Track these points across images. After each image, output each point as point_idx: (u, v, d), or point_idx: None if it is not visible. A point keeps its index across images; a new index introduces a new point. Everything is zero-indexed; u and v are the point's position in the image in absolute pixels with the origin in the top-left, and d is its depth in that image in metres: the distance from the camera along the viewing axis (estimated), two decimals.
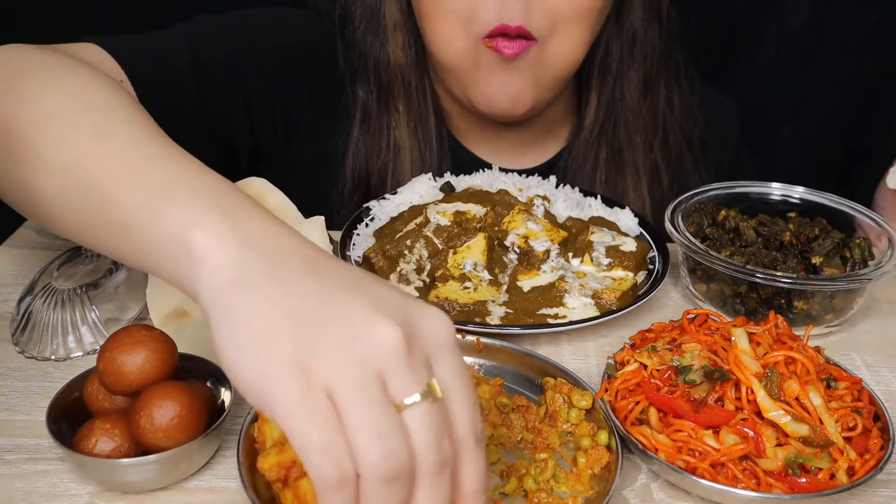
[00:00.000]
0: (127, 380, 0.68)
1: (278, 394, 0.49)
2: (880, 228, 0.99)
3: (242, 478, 0.66)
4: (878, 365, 0.91)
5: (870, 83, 1.73)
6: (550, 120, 1.26)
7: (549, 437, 0.76)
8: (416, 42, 1.16)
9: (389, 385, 0.51)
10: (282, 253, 0.56)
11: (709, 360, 0.75)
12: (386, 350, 0.51)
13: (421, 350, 0.53)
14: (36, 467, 0.71)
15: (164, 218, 0.58)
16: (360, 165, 1.20)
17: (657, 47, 1.20)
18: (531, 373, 0.83)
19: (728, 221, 1.03)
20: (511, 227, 1.02)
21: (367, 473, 0.49)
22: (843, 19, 1.68)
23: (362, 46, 1.17)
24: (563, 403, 0.77)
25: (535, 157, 1.28)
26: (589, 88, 1.24)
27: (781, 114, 1.80)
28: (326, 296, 0.53)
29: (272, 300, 0.52)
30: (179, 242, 0.57)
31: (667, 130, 1.25)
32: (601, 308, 0.94)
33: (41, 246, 1.04)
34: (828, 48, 1.70)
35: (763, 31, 1.72)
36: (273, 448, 0.66)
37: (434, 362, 0.53)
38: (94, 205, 0.64)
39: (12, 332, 0.87)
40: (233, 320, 0.52)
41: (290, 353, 0.50)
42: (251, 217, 0.58)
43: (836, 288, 0.92)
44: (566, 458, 0.74)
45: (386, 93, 1.18)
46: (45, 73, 0.78)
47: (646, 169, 1.24)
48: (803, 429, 0.71)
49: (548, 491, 0.70)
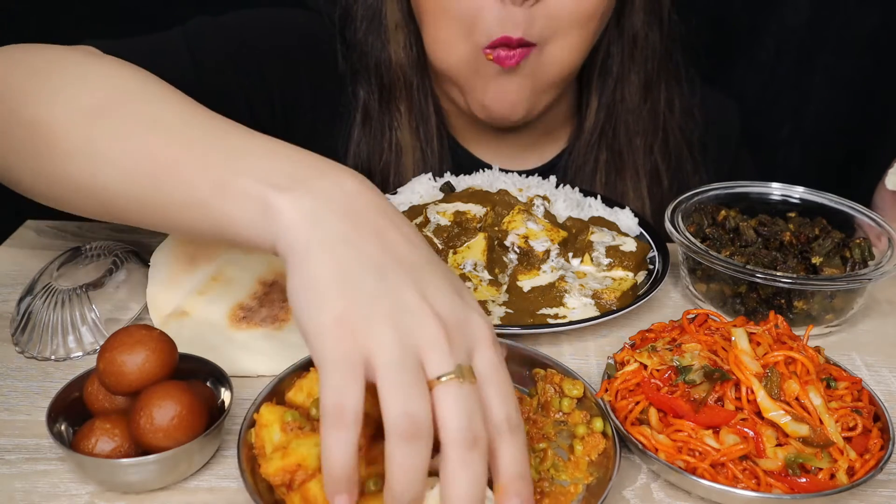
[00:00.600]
0: (127, 380, 0.68)
1: (322, 343, 0.55)
2: (880, 228, 0.99)
3: (246, 483, 0.65)
4: (878, 365, 0.91)
5: (870, 83, 1.73)
6: (550, 123, 1.26)
7: (545, 427, 0.76)
8: (417, 42, 1.16)
9: (426, 363, 0.55)
10: (352, 212, 0.61)
11: (709, 360, 0.75)
12: (427, 334, 0.56)
13: (461, 342, 0.57)
14: (36, 467, 0.71)
15: (240, 189, 0.63)
16: (361, 165, 1.20)
17: (658, 50, 1.20)
18: (527, 368, 0.83)
19: (728, 221, 1.03)
20: (511, 227, 1.02)
21: (386, 428, 0.54)
22: (843, 19, 1.68)
23: (364, 46, 1.17)
24: (554, 394, 0.78)
25: (536, 159, 1.28)
26: (589, 91, 1.23)
27: (781, 114, 1.80)
28: (387, 268, 0.58)
29: (338, 262, 0.58)
30: (256, 207, 0.62)
31: (667, 132, 1.25)
32: (601, 308, 0.94)
33: (41, 246, 1.04)
34: (828, 48, 1.70)
35: (763, 31, 1.72)
36: (276, 453, 0.66)
37: (472, 354, 0.58)
38: (166, 190, 0.68)
39: (12, 332, 0.87)
40: (303, 274, 0.58)
41: (342, 311, 0.56)
42: (323, 174, 0.63)
43: (836, 288, 0.92)
44: (562, 446, 0.74)
45: (388, 93, 1.18)
46: (67, 67, 0.80)
47: (646, 171, 1.24)
48: (803, 429, 0.71)
49: (549, 480, 0.70)
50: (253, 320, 0.87)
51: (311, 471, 0.64)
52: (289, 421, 0.69)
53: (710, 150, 1.32)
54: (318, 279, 0.58)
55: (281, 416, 0.70)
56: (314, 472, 0.64)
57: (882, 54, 1.69)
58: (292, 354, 0.81)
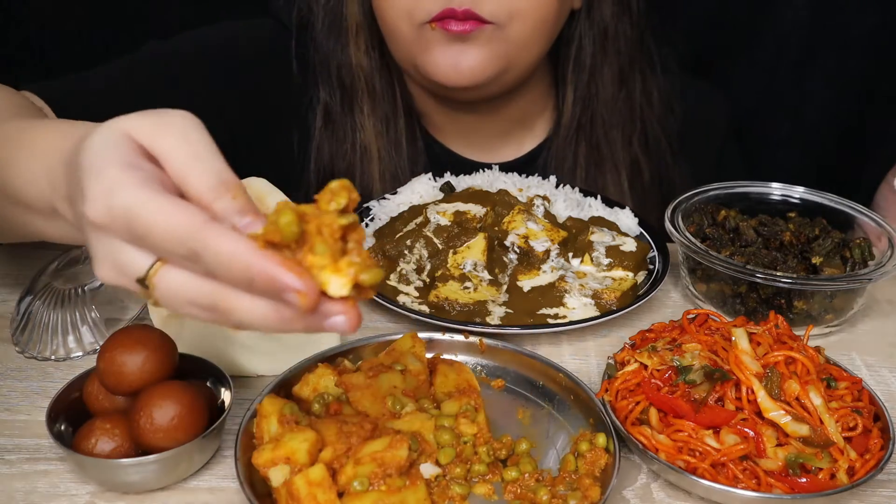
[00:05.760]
0: (127, 380, 0.68)
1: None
2: (880, 228, 0.99)
3: (238, 472, 0.66)
4: (878, 365, 0.91)
5: (870, 83, 1.72)
6: (524, 111, 1.25)
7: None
8: (381, 44, 1.16)
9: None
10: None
11: (709, 360, 0.75)
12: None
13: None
14: (36, 467, 0.71)
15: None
16: (324, 168, 1.20)
17: (630, 40, 1.20)
18: (532, 374, 0.83)
19: (728, 221, 1.03)
20: (511, 227, 1.02)
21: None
22: (843, 19, 1.67)
23: (324, 49, 1.16)
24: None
25: (513, 150, 1.28)
26: (565, 84, 1.23)
27: (781, 114, 1.80)
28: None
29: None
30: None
31: (644, 123, 1.24)
32: (601, 308, 0.94)
33: (41, 246, 1.03)
34: (828, 48, 1.70)
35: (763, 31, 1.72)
36: (269, 444, 0.67)
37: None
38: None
39: (12, 332, 0.87)
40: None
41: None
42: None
43: (836, 288, 0.92)
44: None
45: (349, 95, 1.17)
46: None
47: (625, 164, 1.24)
48: (804, 429, 0.71)
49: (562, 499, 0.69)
50: None
51: (299, 465, 0.65)
52: (286, 414, 0.70)
53: (691, 143, 1.31)
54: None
55: (280, 409, 0.70)
56: (301, 466, 0.65)
57: (882, 54, 1.69)
58: (292, 354, 0.81)
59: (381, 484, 0.65)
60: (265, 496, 0.66)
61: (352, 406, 0.74)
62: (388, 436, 0.68)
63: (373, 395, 0.74)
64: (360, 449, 0.67)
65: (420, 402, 0.75)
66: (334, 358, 0.81)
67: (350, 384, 0.75)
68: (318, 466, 0.65)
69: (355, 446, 0.68)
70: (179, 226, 0.51)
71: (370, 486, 0.65)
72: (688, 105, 1.29)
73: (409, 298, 0.94)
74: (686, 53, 1.27)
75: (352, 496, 0.64)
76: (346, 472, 0.65)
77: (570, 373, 0.80)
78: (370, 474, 0.65)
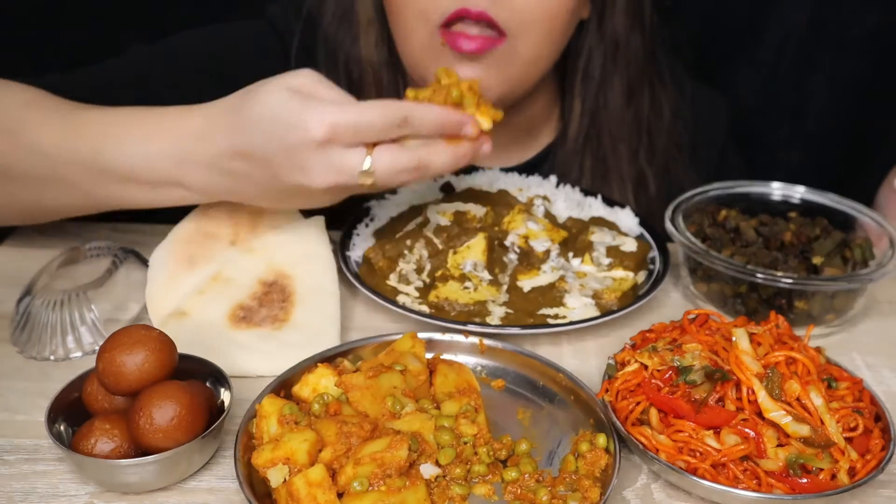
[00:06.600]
0: (126, 380, 0.68)
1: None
2: (881, 228, 0.99)
3: (238, 473, 0.66)
4: (878, 365, 0.91)
5: (870, 83, 1.72)
6: (530, 121, 1.25)
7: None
8: (389, 39, 1.15)
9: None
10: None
11: (709, 360, 0.75)
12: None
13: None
14: (35, 468, 0.71)
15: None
16: None
17: (640, 54, 1.18)
18: (532, 374, 0.83)
19: (728, 221, 1.03)
20: (511, 227, 1.02)
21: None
22: (843, 19, 1.67)
23: (334, 42, 1.16)
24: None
25: (518, 156, 1.27)
26: (572, 96, 1.22)
27: (781, 114, 1.80)
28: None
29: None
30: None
31: (652, 136, 1.24)
32: (601, 308, 0.94)
33: (41, 246, 1.04)
34: (828, 48, 1.70)
35: (763, 31, 1.72)
36: (268, 444, 0.67)
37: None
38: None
39: (12, 332, 0.87)
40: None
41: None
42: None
43: (836, 288, 0.92)
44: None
45: (356, 89, 1.17)
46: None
47: (631, 176, 1.23)
48: (804, 429, 0.71)
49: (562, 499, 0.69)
50: (253, 320, 0.87)
51: (299, 466, 0.65)
52: (286, 414, 0.70)
53: (699, 149, 1.31)
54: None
55: (279, 409, 0.71)
56: (301, 467, 0.65)
57: (882, 54, 1.69)
58: (292, 354, 0.81)
59: (380, 484, 0.65)
60: (265, 496, 0.66)
61: (352, 406, 0.74)
62: (387, 436, 0.68)
63: (373, 396, 0.74)
64: (360, 449, 0.67)
65: (420, 402, 0.75)
66: (334, 358, 0.81)
67: (350, 384, 0.75)
68: (317, 467, 0.64)
69: (355, 447, 0.68)
70: (387, 109, 0.79)
71: (370, 486, 0.65)
72: (696, 113, 1.29)
73: (409, 298, 0.94)
74: (686, 55, 1.27)
75: (352, 496, 0.64)
76: (345, 472, 0.65)
77: (570, 373, 0.80)
78: (370, 475, 0.65)
